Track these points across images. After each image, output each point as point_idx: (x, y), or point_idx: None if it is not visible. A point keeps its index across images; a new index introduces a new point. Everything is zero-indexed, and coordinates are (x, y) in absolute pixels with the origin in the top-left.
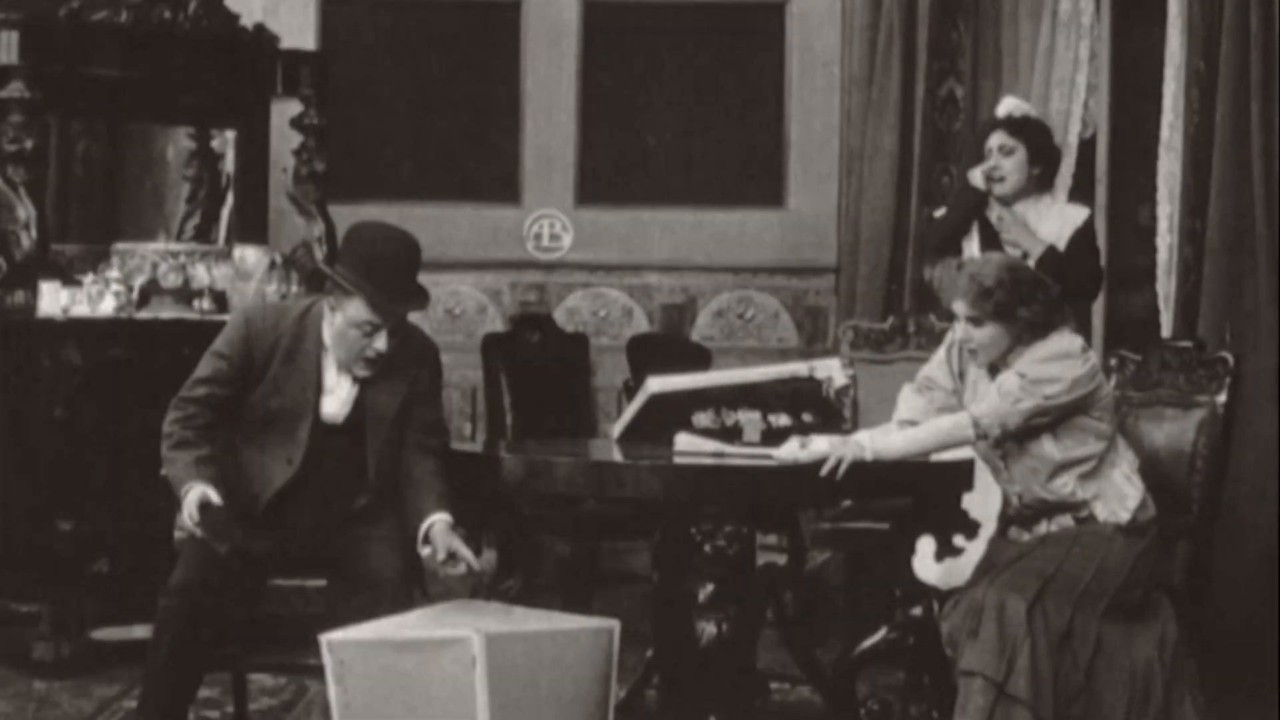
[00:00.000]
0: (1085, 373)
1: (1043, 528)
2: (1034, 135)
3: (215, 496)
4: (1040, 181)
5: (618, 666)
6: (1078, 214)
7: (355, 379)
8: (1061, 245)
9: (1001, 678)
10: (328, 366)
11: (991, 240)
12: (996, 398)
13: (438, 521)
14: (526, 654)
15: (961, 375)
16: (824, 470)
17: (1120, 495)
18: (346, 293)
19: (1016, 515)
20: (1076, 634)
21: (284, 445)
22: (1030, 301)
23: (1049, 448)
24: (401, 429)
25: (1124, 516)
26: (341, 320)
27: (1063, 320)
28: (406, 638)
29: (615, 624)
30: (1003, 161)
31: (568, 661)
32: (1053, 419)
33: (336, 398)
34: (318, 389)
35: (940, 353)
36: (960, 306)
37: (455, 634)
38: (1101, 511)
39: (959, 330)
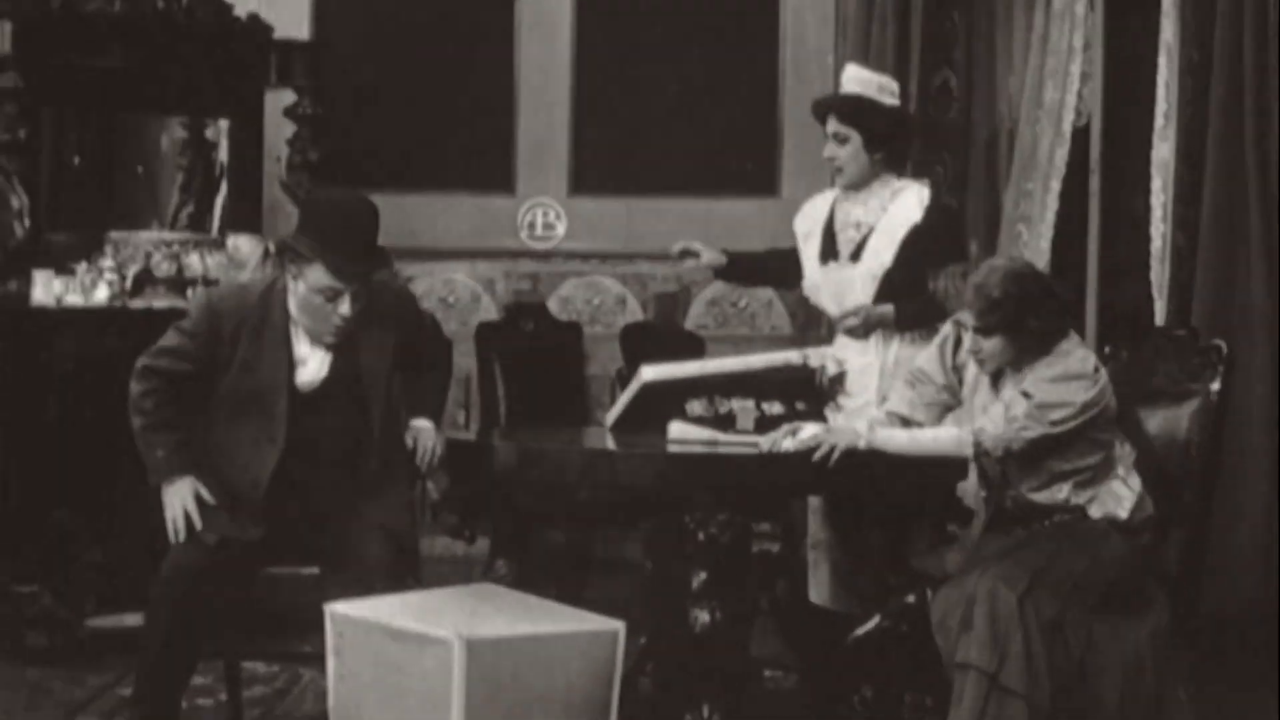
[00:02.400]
0: (1094, 395)
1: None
2: (869, 121)
3: (205, 493)
4: (886, 163)
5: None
6: (908, 210)
7: (326, 347)
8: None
9: (994, 669)
10: (298, 339)
11: None
12: (1003, 421)
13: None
14: (514, 658)
15: (958, 370)
16: (816, 456)
17: (1116, 498)
18: (306, 260)
19: (1008, 515)
20: (1068, 626)
21: (264, 425)
22: (1040, 310)
23: (1051, 461)
24: (397, 383)
25: (1121, 515)
26: (304, 288)
27: (1069, 323)
28: (397, 626)
29: (620, 625)
30: (838, 151)
31: (563, 665)
32: (1059, 444)
33: (310, 368)
34: (290, 362)
35: (933, 348)
36: (968, 318)
37: (438, 633)
38: (1096, 511)
39: (968, 341)
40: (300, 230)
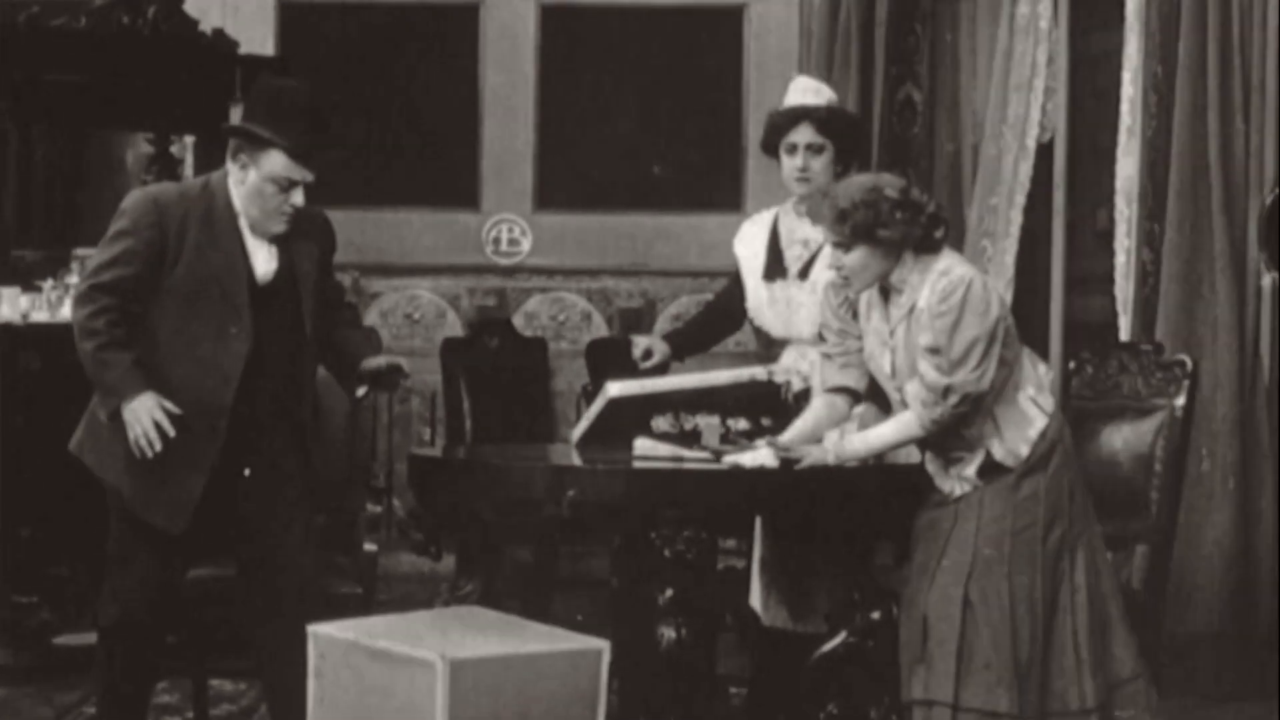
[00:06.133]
0: (992, 322)
1: (951, 483)
2: (844, 132)
3: (170, 404)
4: (839, 177)
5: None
6: None
7: (271, 239)
8: None
9: (952, 698)
10: (244, 230)
11: None
12: (925, 392)
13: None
14: (497, 679)
15: (849, 306)
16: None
17: (1022, 422)
18: (260, 147)
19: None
20: (1019, 603)
21: (226, 315)
22: (890, 223)
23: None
24: (318, 292)
25: (1023, 450)
26: (256, 177)
27: (941, 234)
28: (380, 647)
29: (603, 644)
30: (812, 161)
31: (546, 685)
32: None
33: (262, 259)
34: (244, 252)
35: (820, 305)
36: (826, 233)
37: (421, 654)
38: (998, 450)
39: (831, 258)
40: (251, 118)
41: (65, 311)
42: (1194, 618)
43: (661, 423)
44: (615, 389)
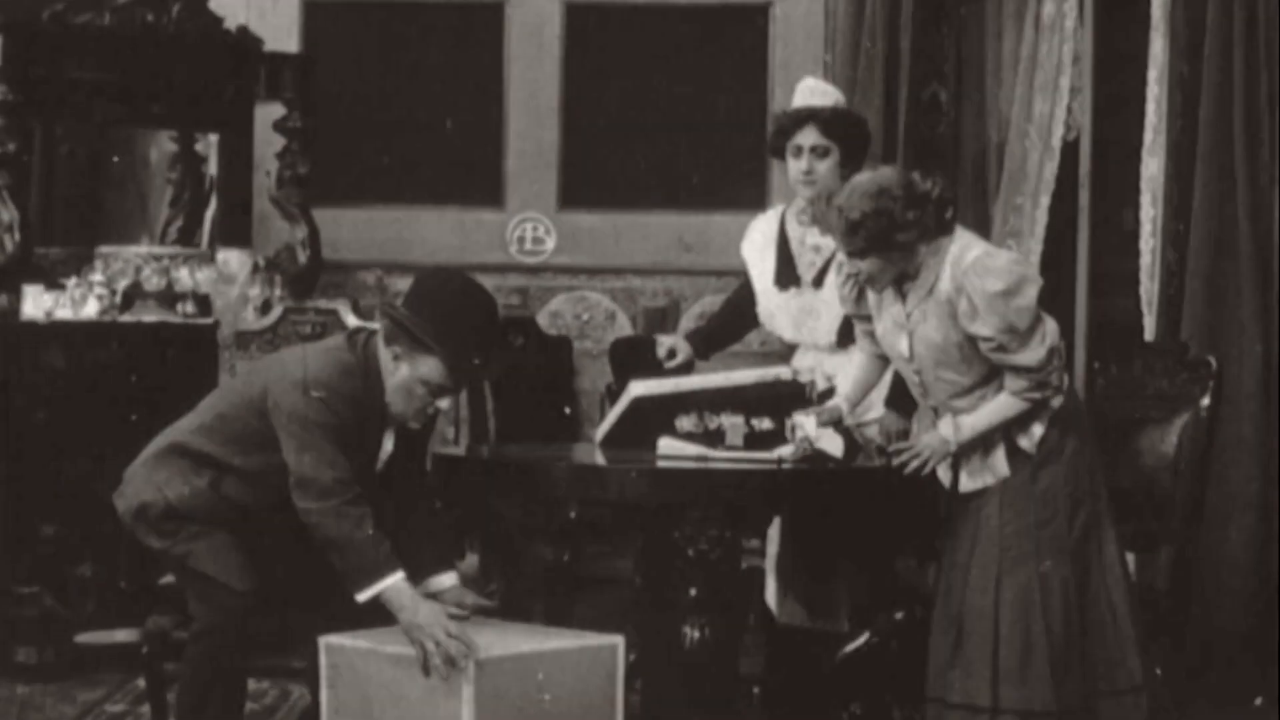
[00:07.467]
0: (1037, 277)
1: (967, 478)
2: (849, 134)
3: (459, 611)
4: (845, 179)
5: (623, 681)
6: None
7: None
8: None
9: (990, 701)
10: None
11: None
12: (1034, 375)
13: (450, 588)
14: (521, 677)
15: (858, 287)
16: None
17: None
18: (423, 349)
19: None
20: (1051, 596)
21: None
22: (904, 225)
23: (961, 368)
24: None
25: (1036, 431)
26: (408, 373)
27: (955, 213)
28: (401, 653)
29: (619, 639)
30: (817, 165)
31: (567, 680)
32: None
33: (386, 448)
34: (379, 443)
35: (838, 290)
36: (838, 243)
37: None
38: (1024, 442)
39: (847, 266)
40: (420, 313)
41: (88, 309)
42: (1219, 619)
43: (685, 422)
44: (639, 388)
